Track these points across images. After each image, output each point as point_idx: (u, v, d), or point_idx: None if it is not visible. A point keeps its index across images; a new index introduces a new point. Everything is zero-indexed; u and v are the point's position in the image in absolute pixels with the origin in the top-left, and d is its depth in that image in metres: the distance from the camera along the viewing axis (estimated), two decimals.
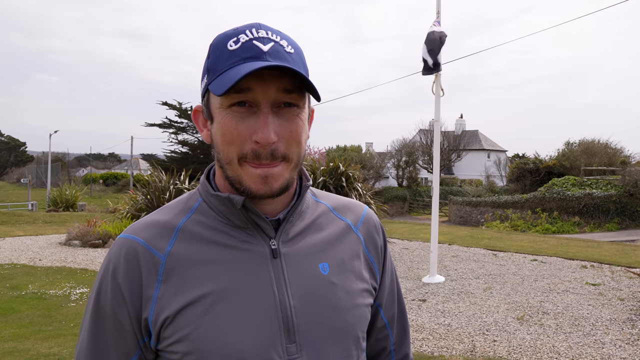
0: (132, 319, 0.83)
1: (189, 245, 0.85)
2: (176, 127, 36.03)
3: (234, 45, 0.81)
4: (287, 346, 0.83)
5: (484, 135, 52.51)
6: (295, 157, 0.84)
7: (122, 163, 78.51)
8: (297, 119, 0.83)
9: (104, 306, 0.85)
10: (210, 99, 0.85)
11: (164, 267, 0.83)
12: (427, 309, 6.06)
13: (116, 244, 0.87)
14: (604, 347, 4.71)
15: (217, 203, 0.88)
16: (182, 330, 0.81)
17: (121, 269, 0.84)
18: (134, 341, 0.85)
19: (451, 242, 11.77)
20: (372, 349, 1.06)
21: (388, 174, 40.68)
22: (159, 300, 0.82)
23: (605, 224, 20.45)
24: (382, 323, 1.04)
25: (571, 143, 31.49)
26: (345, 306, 0.89)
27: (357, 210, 1.02)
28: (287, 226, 0.90)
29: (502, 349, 4.66)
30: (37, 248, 11.03)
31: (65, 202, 23.98)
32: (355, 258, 0.95)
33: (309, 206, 0.96)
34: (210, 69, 0.83)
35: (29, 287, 7.22)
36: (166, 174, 13.09)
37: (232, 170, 0.83)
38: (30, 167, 56.10)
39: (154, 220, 0.89)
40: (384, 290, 1.03)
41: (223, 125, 0.82)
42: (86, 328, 0.87)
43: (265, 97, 0.80)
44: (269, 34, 0.82)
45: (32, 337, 5.00)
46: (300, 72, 0.78)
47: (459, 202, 26.88)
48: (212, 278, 0.83)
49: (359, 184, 10.40)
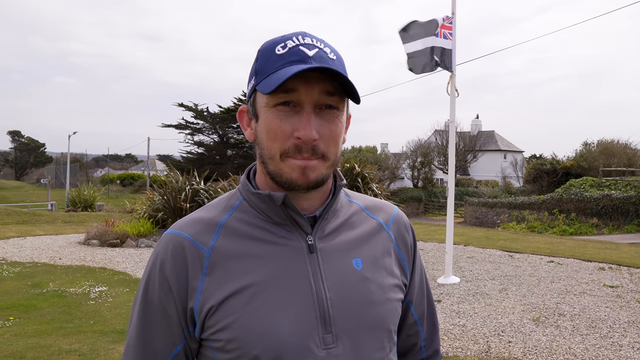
0: (179, 309, 0.89)
1: (231, 241, 0.91)
2: (192, 128, 36.35)
3: (282, 50, 0.87)
4: (323, 336, 0.87)
5: (500, 135, 52.02)
6: (333, 156, 0.90)
7: (139, 164, 79.43)
8: (336, 120, 0.89)
9: (152, 297, 0.90)
10: (257, 98, 0.90)
11: (208, 260, 0.89)
12: (442, 309, 6.06)
13: (163, 239, 0.93)
14: (622, 349, 4.67)
15: (258, 201, 0.93)
16: (225, 320, 0.86)
17: (168, 263, 0.89)
18: (179, 331, 0.90)
19: (467, 243, 11.71)
20: (404, 344, 1.10)
21: (403, 175, 40.52)
22: (203, 291, 0.87)
23: (624, 225, 20.13)
24: (412, 319, 1.08)
25: (589, 143, 31.04)
26: (378, 300, 0.93)
27: (388, 210, 1.07)
28: (322, 223, 0.95)
29: (517, 350, 4.65)
30: (57, 247, 11.25)
31: (83, 202, 24.38)
32: (387, 255, 1.00)
33: (343, 205, 1.01)
34: (258, 71, 0.89)
35: (49, 285, 7.38)
36: (182, 174, 13.25)
37: (273, 165, 0.89)
38: (49, 167, 57.09)
39: (199, 217, 0.95)
40: (414, 287, 1.08)
41: (268, 122, 0.87)
42: (135, 318, 0.93)
43: (308, 97, 0.85)
44: (314, 41, 0.88)
45: (53, 333, 5.12)
46: (342, 74, 0.84)
47: (475, 203, 26.68)
48: (253, 271, 0.88)
49: (375, 184, 10.42)
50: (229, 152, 35.67)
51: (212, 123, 35.73)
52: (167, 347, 0.91)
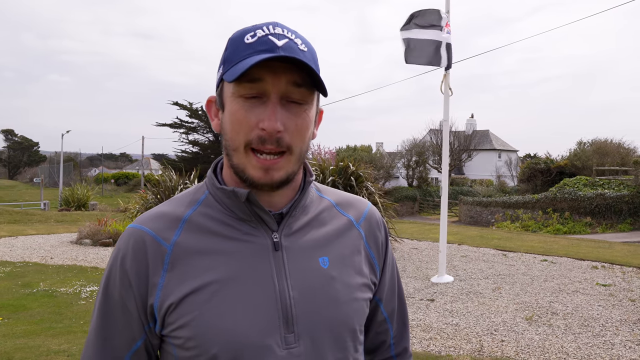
0: (139, 305, 0.87)
1: (194, 236, 0.89)
2: (187, 127, 36.28)
3: (251, 39, 0.85)
4: (285, 335, 0.86)
5: (495, 135, 52.18)
6: (298, 150, 0.87)
7: (134, 163, 79.17)
8: (304, 114, 0.86)
9: (113, 292, 0.89)
10: (224, 88, 0.88)
11: (170, 256, 0.87)
12: (435, 308, 6.05)
13: (125, 233, 0.91)
14: (614, 348, 4.66)
15: (223, 196, 0.91)
16: (185, 317, 0.84)
17: (129, 257, 0.88)
18: (139, 326, 0.88)
19: (461, 242, 11.71)
20: (372, 342, 1.08)
21: (398, 174, 40.59)
22: (164, 288, 0.86)
23: (617, 224, 20.24)
24: (382, 317, 1.07)
25: (583, 143, 31.22)
26: (343, 299, 0.91)
27: (360, 207, 1.05)
28: (290, 220, 0.93)
29: (510, 349, 4.63)
30: (49, 247, 11.16)
31: (76, 202, 24.24)
32: (356, 253, 0.98)
33: (313, 201, 0.99)
34: (226, 60, 0.87)
35: (40, 284, 7.31)
36: (177, 173, 13.20)
37: (237, 158, 0.86)
38: (42, 166, 56.77)
39: (161, 211, 0.92)
40: (384, 285, 1.06)
41: (233, 112, 0.85)
42: (96, 313, 0.91)
43: (275, 88, 0.83)
44: (284, 32, 0.86)
45: (42, 333, 5.07)
46: (309, 65, 0.81)
47: (470, 202, 26.75)
48: (215, 268, 0.86)
49: (369, 183, 10.39)
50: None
51: (207, 122, 35.65)
52: (127, 343, 0.89)
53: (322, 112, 0.98)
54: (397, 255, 9.90)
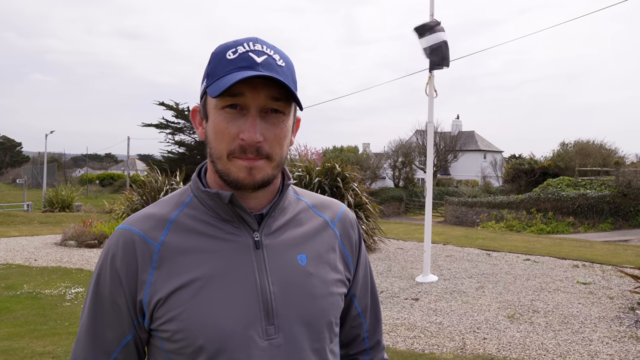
0: (128, 301, 0.93)
1: (181, 236, 0.95)
2: (173, 128, 36.05)
3: (232, 55, 0.91)
4: (266, 327, 0.93)
5: (480, 136, 52.64)
6: (277, 158, 0.94)
7: (119, 163, 78.39)
8: (281, 124, 0.93)
9: (103, 289, 0.94)
10: (207, 100, 0.95)
11: (158, 255, 0.93)
12: (420, 307, 6.13)
13: (115, 233, 0.97)
14: (592, 344, 4.78)
15: (207, 198, 0.97)
16: (172, 311, 0.90)
17: (119, 256, 0.93)
18: (129, 321, 0.94)
19: (446, 242, 11.84)
20: (347, 335, 1.15)
21: (385, 175, 40.75)
22: (152, 285, 0.92)
23: (599, 224, 20.58)
24: (356, 312, 1.14)
25: (566, 144, 31.64)
26: (320, 294, 0.98)
27: (335, 208, 1.12)
28: (269, 220, 0.99)
29: (491, 347, 4.73)
30: (33, 248, 11.05)
31: (61, 203, 23.95)
32: (331, 251, 1.05)
33: (290, 203, 1.06)
34: (209, 74, 0.93)
35: (24, 287, 7.25)
36: (162, 174, 13.14)
37: (221, 164, 0.93)
38: (26, 167, 55.96)
39: (149, 213, 0.98)
40: (358, 281, 1.13)
41: (216, 124, 0.92)
42: (87, 309, 0.96)
43: (254, 102, 0.90)
44: (263, 48, 0.92)
45: (27, 335, 5.04)
46: (285, 83, 0.88)
47: (455, 203, 26.97)
48: (200, 265, 0.93)
49: (355, 184, 10.46)
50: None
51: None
52: (117, 337, 0.95)
53: (300, 120, 1.05)
54: (383, 255, 9.99)
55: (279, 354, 0.92)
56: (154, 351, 0.96)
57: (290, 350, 0.93)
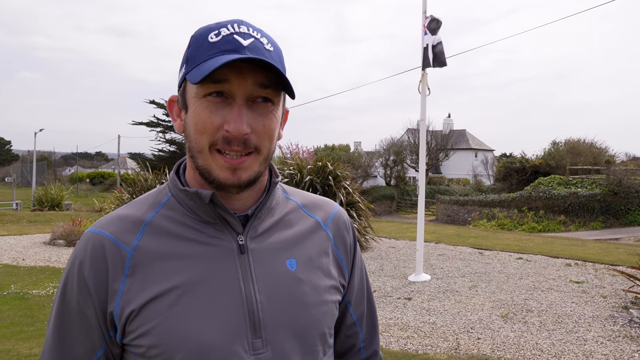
0: (98, 313, 0.83)
1: (157, 240, 0.85)
2: (164, 126, 35.80)
3: (215, 37, 0.81)
4: (252, 341, 0.83)
5: (472, 134, 52.86)
6: (266, 151, 0.85)
7: (109, 162, 77.82)
8: (270, 114, 0.84)
9: (70, 300, 0.85)
10: (187, 88, 0.85)
11: (131, 261, 0.83)
12: (413, 307, 6.08)
13: (83, 238, 0.87)
14: (586, 343, 4.76)
15: (186, 198, 0.88)
16: (147, 324, 0.80)
17: (87, 263, 0.83)
18: (99, 335, 0.84)
19: (438, 240, 11.82)
20: (342, 345, 1.06)
21: (376, 173, 40.82)
22: (124, 294, 0.82)
23: (590, 222, 20.71)
24: (351, 320, 1.05)
25: (557, 142, 31.85)
26: (312, 302, 0.89)
27: (327, 208, 1.03)
28: (255, 222, 0.90)
29: (485, 347, 4.69)
30: (21, 248, 10.88)
31: (50, 202, 23.70)
32: (324, 255, 0.95)
33: (279, 203, 0.96)
34: (189, 58, 0.84)
35: (11, 287, 7.12)
36: (153, 172, 13.02)
37: (202, 159, 0.83)
38: (15, 166, 55.38)
39: (121, 214, 0.88)
40: (353, 287, 1.04)
41: (197, 114, 0.82)
42: (52, 322, 0.87)
43: (241, 89, 0.80)
44: (249, 30, 0.83)
45: (12, 337, 4.93)
46: (276, 67, 0.79)
47: (447, 201, 27.03)
48: (179, 272, 0.83)
49: (347, 182, 10.40)
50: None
51: None
52: (86, 353, 0.85)
53: (288, 112, 0.96)
54: (375, 254, 9.95)
55: None
56: None
57: None
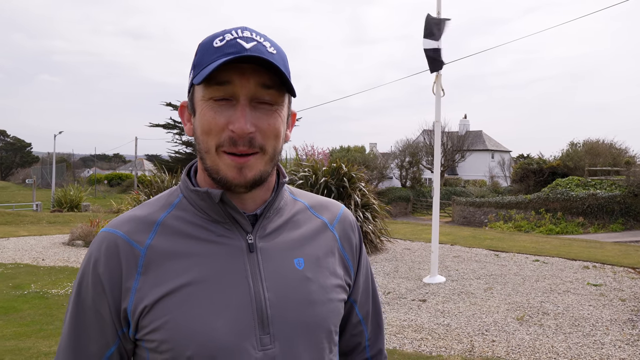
0: (112, 310, 0.87)
1: (168, 239, 0.88)
2: (180, 128, 36.09)
3: (219, 42, 0.85)
4: (261, 337, 0.86)
5: (488, 135, 52.36)
6: (271, 150, 0.88)
7: (127, 164, 78.80)
8: (275, 114, 0.87)
9: (85, 298, 0.88)
10: (195, 93, 0.88)
11: (144, 259, 0.87)
12: (427, 309, 6.06)
13: (97, 237, 0.90)
14: (604, 347, 4.70)
15: (196, 198, 0.91)
16: (158, 320, 0.84)
17: (102, 262, 0.87)
18: (113, 331, 0.88)
19: (453, 242, 11.75)
20: (347, 344, 1.09)
21: (392, 175, 40.64)
22: (138, 291, 0.85)
23: (609, 224, 20.36)
24: (357, 319, 1.07)
25: (575, 143, 31.36)
26: (319, 300, 0.92)
27: (334, 209, 1.06)
28: (264, 222, 0.93)
29: (500, 349, 4.66)
30: (41, 248, 11.09)
31: (69, 203, 24.08)
32: (330, 255, 0.98)
33: (287, 203, 0.99)
34: (196, 65, 0.88)
35: (31, 286, 7.27)
36: (169, 174, 13.18)
37: (210, 160, 0.87)
38: (35, 167, 56.39)
39: (135, 215, 0.92)
40: (359, 287, 1.06)
41: (203, 116, 0.86)
42: (68, 319, 0.90)
43: (244, 89, 0.84)
44: (252, 35, 0.86)
45: (33, 335, 5.04)
46: (276, 65, 0.82)
47: (463, 203, 26.81)
48: (190, 270, 0.86)
49: (362, 184, 10.40)
50: None
51: None
52: (100, 349, 0.89)
53: (295, 114, 0.98)
54: (390, 255, 9.92)
55: None
56: None
57: None
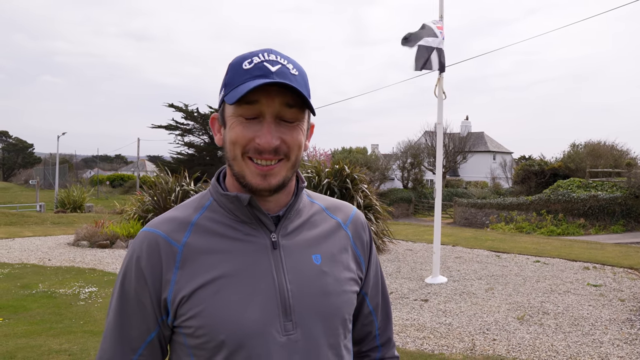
0: (153, 300, 0.99)
1: (202, 237, 1.01)
2: (182, 129, 36.24)
3: (248, 65, 0.97)
4: (284, 323, 0.98)
5: (490, 137, 52.39)
6: (294, 158, 1.00)
7: (129, 165, 78.95)
8: (297, 128, 0.99)
9: (129, 289, 1.00)
10: (225, 108, 1.01)
11: (181, 255, 0.99)
12: (429, 308, 6.16)
13: (139, 236, 1.02)
14: (602, 346, 4.79)
15: (226, 201, 1.03)
16: (195, 308, 0.96)
17: (144, 258, 0.99)
18: (153, 319, 1.00)
19: (455, 243, 11.84)
20: (359, 333, 1.21)
21: (393, 176, 40.69)
22: (176, 284, 0.97)
23: (610, 226, 20.42)
24: (367, 310, 1.20)
25: (577, 145, 31.41)
26: (334, 291, 1.04)
27: (347, 211, 1.18)
28: (285, 222, 1.05)
29: (501, 348, 4.75)
30: (46, 248, 11.20)
31: (72, 204, 24.24)
32: (344, 251, 1.11)
33: (305, 205, 1.12)
34: (227, 83, 0.99)
35: (39, 286, 7.37)
36: (172, 175, 13.25)
37: (237, 166, 0.99)
38: (38, 168, 56.60)
39: (172, 216, 1.05)
40: (369, 280, 1.19)
41: (232, 129, 0.98)
42: (113, 308, 1.02)
43: (269, 108, 0.95)
44: (277, 58, 0.98)
45: (43, 333, 5.14)
46: (298, 89, 0.94)
47: (464, 204, 26.88)
48: (221, 265, 0.98)
49: (364, 185, 10.49)
50: (219, 153, 35.54)
51: (202, 124, 35.65)
52: (142, 334, 1.00)
53: (313, 126, 1.11)
54: (392, 256, 10.02)
55: (297, 349, 0.98)
56: (177, 347, 1.01)
57: (308, 345, 0.99)
